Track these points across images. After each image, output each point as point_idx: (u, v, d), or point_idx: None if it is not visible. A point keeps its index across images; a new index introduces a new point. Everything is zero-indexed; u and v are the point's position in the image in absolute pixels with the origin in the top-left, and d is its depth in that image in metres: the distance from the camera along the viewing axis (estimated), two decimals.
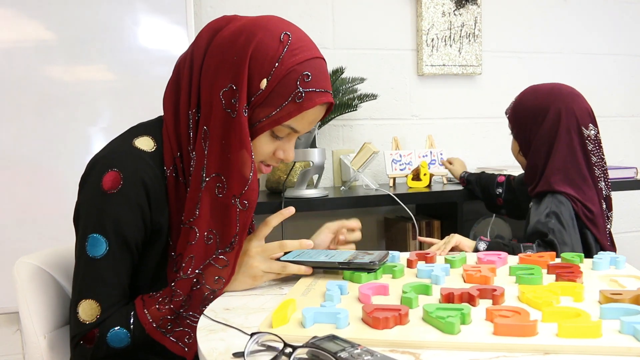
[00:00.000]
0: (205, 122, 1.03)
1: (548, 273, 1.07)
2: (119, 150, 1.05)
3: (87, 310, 1.01)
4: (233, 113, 1.00)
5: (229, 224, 1.05)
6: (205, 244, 1.04)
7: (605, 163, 1.69)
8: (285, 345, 0.71)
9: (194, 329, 1.00)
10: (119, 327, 1.01)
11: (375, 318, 0.78)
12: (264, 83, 1.00)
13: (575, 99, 1.68)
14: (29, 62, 1.94)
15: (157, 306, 1.03)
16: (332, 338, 0.71)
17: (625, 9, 2.89)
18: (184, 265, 1.03)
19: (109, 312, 1.02)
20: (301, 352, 0.70)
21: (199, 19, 2.27)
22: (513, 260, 1.18)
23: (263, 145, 1.07)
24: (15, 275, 1.16)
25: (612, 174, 2.32)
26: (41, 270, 1.18)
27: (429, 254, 1.19)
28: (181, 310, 1.03)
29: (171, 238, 1.08)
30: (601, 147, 1.69)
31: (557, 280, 1.01)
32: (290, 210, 1.13)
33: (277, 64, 0.99)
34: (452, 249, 1.58)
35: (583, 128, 1.65)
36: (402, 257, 1.21)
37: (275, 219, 1.13)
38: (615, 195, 2.89)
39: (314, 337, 0.72)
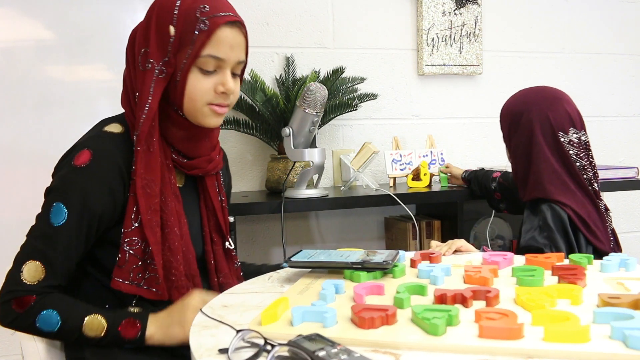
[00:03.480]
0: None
1: (552, 274, 1.06)
2: (91, 135, 1.15)
3: (32, 272, 1.04)
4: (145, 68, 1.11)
5: (154, 170, 1.12)
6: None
7: (594, 166, 1.62)
8: (266, 342, 0.72)
9: (157, 272, 1.08)
10: (55, 311, 1.04)
11: (361, 318, 0.79)
12: (171, 30, 1.10)
13: (553, 104, 1.61)
14: (29, 62, 1.95)
15: (127, 270, 1.08)
16: (315, 337, 0.72)
17: (625, 9, 2.88)
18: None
19: (50, 281, 1.05)
20: (282, 350, 0.71)
21: None
22: (519, 261, 1.17)
23: (196, 84, 1.12)
24: None
25: (613, 174, 2.31)
26: None
27: (433, 253, 1.19)
28: (145, 257, 1.09)
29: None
30: (589, 150, 1.62)
31: (559, 282, 1.00)
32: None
33: (176, 10, 1.09)
34: (457, 251, 1.57)
35: (561, 133, 1.58)
36: (407, 256, 1.21)
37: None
38: (615, 195, 2.91)
39: (299, 336, 0.72)
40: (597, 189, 1.61)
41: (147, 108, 1.09)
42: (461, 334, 0.75)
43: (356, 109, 2.31)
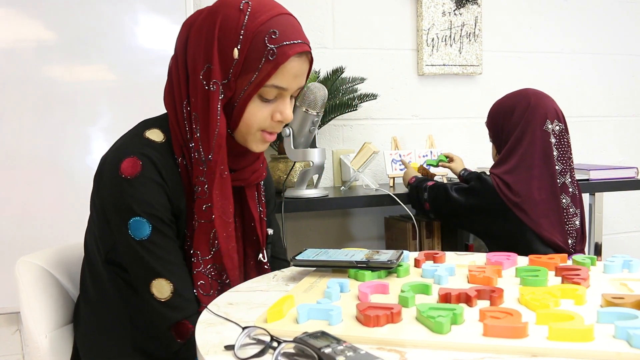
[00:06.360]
0: (194, 109, 1.07)
1: (555, 275, 1.06)
2: (131, 141, 1.08)
3: (160, 289, 1.03)
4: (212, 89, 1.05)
5: (228, 197, 1.09)
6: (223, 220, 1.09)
7: (571, 161, 1.82)
8: (272, 339, 0.72)
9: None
10: None
11: (366, 316, 0.78)
12: (235, 53, 1.03)
13: (540, 98, 1.84)
14: (29, 62, 1.94)
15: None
16: (321, 334, 0.72)
17: (625, 9, 2.89)
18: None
19: (180, 284, 1.04)
20: (288, 347, 0.71)
21: None
22: (522, 261, 1.18)
23: (256, 112, 1.08)
24: (17, 274, 1.17)
25: (612, 174, 2.32)
26: (42, 270, 1.20)
27: (437, 253, 1.19)
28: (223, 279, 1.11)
29: (187, 227, 1.10)
30: (568, 144, 1.82)
31: (563, 282, 1.00)
32: None
33: (242, 31, 1.02)
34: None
35: (548, 121, 1.79)
36: (411, 256, 1.21)
37: None
38: (616, 195, 2.92)
39: (304, 333, 0.72)
40: (565, 182, 1.80)
41: (216, 134, 1.05)
42: (466, 332, 0.75)
43: (356, 109, 2.31)
